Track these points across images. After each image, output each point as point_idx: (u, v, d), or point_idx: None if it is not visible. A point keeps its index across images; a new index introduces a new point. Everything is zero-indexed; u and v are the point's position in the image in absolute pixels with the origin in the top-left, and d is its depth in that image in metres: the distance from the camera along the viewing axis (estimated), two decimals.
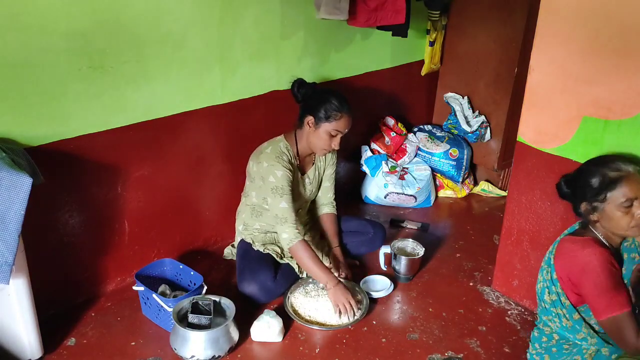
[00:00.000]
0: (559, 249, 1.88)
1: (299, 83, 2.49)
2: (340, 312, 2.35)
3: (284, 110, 2.75)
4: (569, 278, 1.83)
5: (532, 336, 2.06)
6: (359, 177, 3.51)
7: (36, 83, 2.03)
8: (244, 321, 2.35)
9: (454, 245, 3.03)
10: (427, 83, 3.66)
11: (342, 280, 2.44)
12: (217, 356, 2.13)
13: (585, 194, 1.80)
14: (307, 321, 2.36)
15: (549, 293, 1.90)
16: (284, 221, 2.37)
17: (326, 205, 2.74)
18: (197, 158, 2.65)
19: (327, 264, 2.56)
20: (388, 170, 3.34)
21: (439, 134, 3.61)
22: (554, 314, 1.90)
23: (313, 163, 2.62)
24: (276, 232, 2.65)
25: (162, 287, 2.35)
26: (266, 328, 2.24)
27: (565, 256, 1.85)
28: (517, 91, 3.21)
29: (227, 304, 2.26)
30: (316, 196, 2.73)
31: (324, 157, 2.64)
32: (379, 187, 3.33)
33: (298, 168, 2.53)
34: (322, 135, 2.41)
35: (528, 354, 2.07)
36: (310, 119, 2.41)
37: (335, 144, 2.44)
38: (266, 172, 2.38)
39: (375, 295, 2.53)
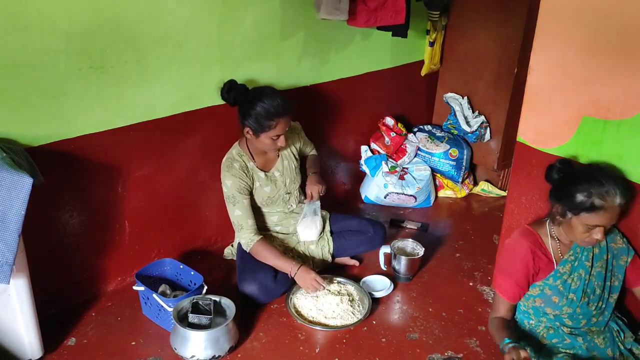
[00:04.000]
0: None
1: (229, 86, 2.47)
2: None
3: None
4: None
5: None
6: (359, 177, 3.51)
7: (37, 83, 2.03)
8: (244, 321, 2.35)
9: (454, 245, 3.03)
10: (427, 83, 3.67)
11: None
12: (217, 356, 2.13)
13: (564, 200, 1.86)
14: (310, 322, 2.37)
15: None
16: (240, 228, 2.48)
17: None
18: (197, 158, 2.65)
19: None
20: (388, 171, 3.34)
21: (438, 134, 3.61)
22: None
23: (278, 155, 2.61)
24: (274, 231, 2.68)
25: (163, 287, 2.36)
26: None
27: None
28: (517, 91, 3.20)
29: (227, 303, 2.27)
30: (300, 179, 2.71)
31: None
32: (379, 187, 3.33)
33: (258, 169, 2.53)
34: (265, 141, 2.40)
35: None
36: (247, 129, 2.40)
37: (281, 142, 2.41)
38: (222, 181, 2.48)
39: (375, 295, 2.54)
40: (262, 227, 2.63)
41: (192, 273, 2.42)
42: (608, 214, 1.79)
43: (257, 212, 2.58)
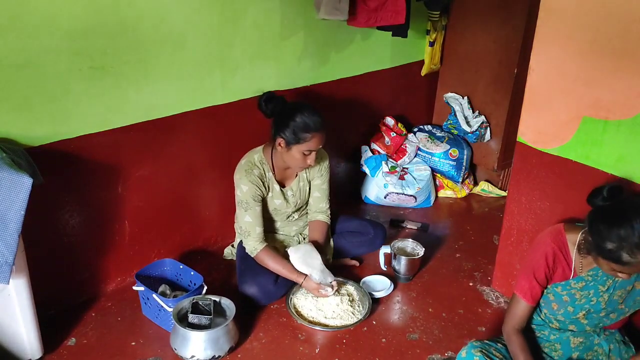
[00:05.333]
0: None
1: (267, 97, 2.44)
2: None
3: None
4: None
5: None
6: (359, 177, 3.51)
7: (37, 83, 2.03)
8: (244, 321, 2.35)
9: (454, 245, 3.03)
10: (427, 83, 3.67)
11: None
12: (217, 356, 2.13)
13: (595, 242, 1.68)
14: (310, 322, 2.37)
15: None
16: (247, 234, 2.46)
17: (318, 213, 2.68)
18: (197, 158, 2.65)
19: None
20: (388, 171, 3.34)
21: (439, 134, 3.61)
22: None
23: (296, 175, 2.59)
24: (274, 232, 2.68)
25: (162, 287, 2.36)
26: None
27: None
28: (517, 91, 3.21)
29: (227, 304, 2.27)
30: (307, 204, 2.70)
31: (308, 169, 2.59)
32: (379, 187, 3.33)
33: (276, 181, 2.52)
34: (295, 156, 2.38)
35: None
36: (280, 140, 2.37)
37: (311, 160, 2.39)
38: (236, 183, 2.46)
39: (375, 295, 2.54)
40: (264, 229, 2.62)
41: (192, 273, 2.41)
42: (635, 268, 1.63)
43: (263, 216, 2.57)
